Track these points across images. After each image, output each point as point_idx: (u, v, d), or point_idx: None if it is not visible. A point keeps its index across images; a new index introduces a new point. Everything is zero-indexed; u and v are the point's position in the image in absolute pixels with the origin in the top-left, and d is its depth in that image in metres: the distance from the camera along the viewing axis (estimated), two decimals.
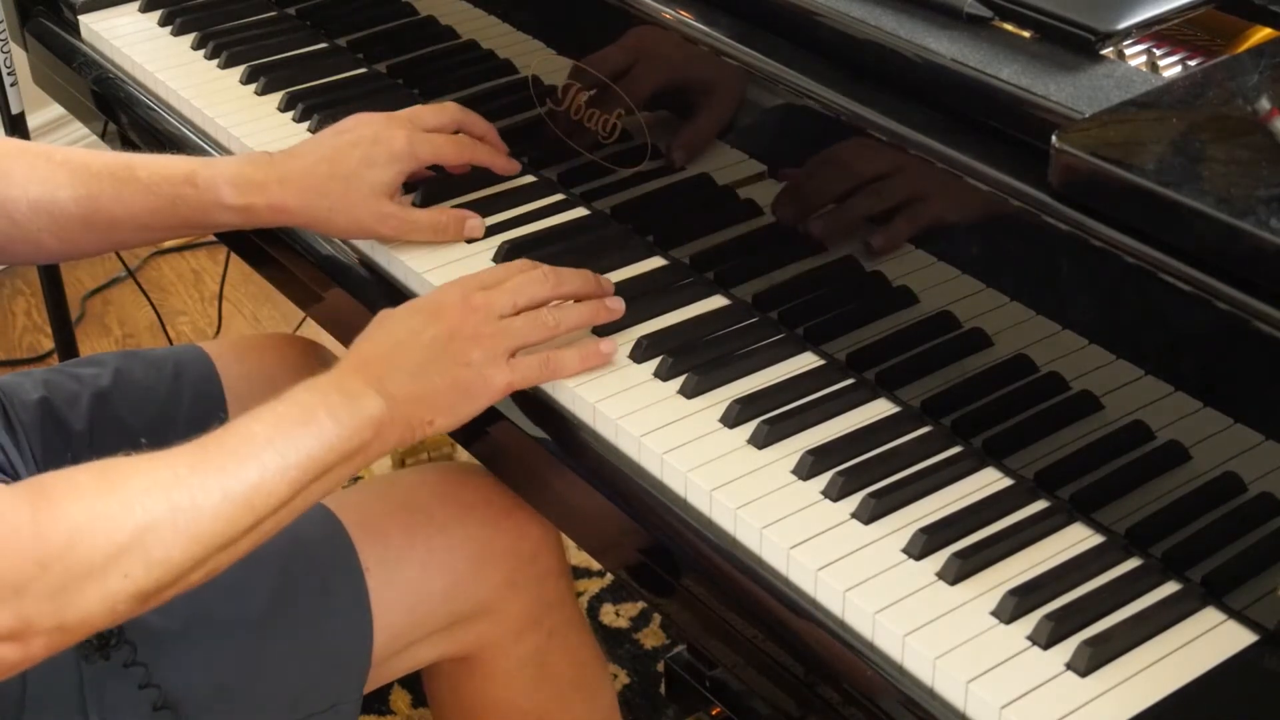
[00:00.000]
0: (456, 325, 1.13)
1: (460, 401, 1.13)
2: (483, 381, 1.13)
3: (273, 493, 1.01)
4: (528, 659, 1.31)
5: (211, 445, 1.01)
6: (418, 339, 1.12)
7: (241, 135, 1.49)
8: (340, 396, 1.07)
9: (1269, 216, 0.90)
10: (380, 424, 1.08)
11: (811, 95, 1.14)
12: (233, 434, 1.02)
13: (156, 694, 1.11)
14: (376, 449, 1.09)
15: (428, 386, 1.10)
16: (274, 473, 1.01)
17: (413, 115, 1.34)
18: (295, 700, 1.19)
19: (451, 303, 1.14)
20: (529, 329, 1.15)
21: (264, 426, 1.03)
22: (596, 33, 1.31)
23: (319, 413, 1.05)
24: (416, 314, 1.14)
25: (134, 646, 1.11)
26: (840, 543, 1.03)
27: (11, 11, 1.81)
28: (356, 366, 1.11)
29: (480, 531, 1.27)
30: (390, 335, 1.13)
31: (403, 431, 1.10)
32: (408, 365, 1.10)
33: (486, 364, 1.13)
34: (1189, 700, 0.93)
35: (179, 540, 0.96)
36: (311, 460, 1.03)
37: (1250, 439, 0.95)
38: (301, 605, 1.19)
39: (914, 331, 1.13)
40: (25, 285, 2.72)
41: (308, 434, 1.03)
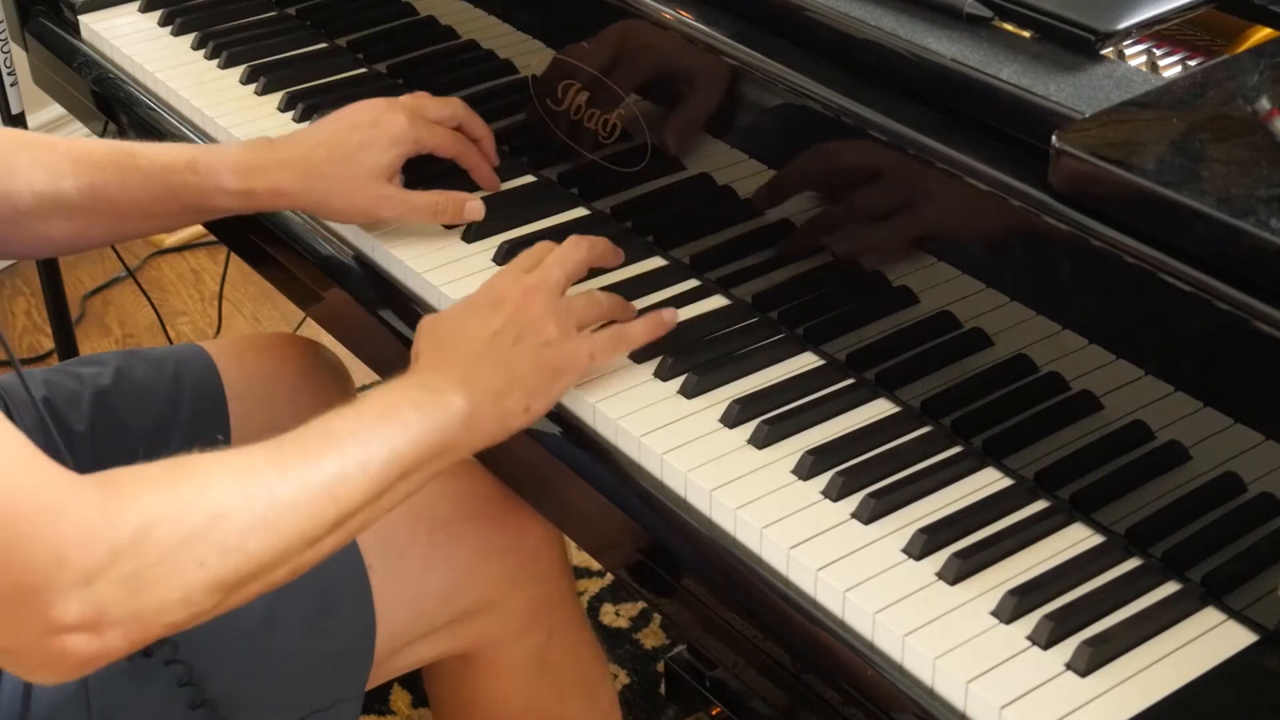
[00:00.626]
0: (523, 308, 1.12)
1: (549, 380, 1.12)
2: (568, 355, 1.12)
3: (355, 486, 0.98)
4: (529, 657, 1.31)
5: (289, 440, 0.98)
6: (489, 330, 1.10)
7: (241, 135, 1.49)
8: (425, 393, 1.05)
9: (1269, 216, 0.90)
10: (469, 419, 1.06)
11: (811, 95, 1.14)
12: (311, 429, 0.99)
13: (195, 692, 1.11)
14: (469, 444, 1.07)
15: (515, 373, 1.09)
16: (355, 465, 0.98)
17: (417, 103, 1.35)
18: (298, 697, 1.19)
19: (508, 289, 1.14)
20: (591, 306, 1.17)
21: (344, 422, 1.00)
22: (597, 33, 1.31)
23: (403, 408, 1.03)
24: (478, 309, 1.13)
25: (176, 644, 1.10)
26: (840, 543, 1.03)
27: (11, 11, 1.81)
28: (436, 365, 1.09)
29: (482, 529, 1.27)
30: (461, 333, 1.11)
31: (496, 424, 1.08)
32: (490, 358, 1.09)
33: (565, 338, 1.12)
34: (1189, 700, 0.93)
35: (255, 529, 0.93)
36: (396, 455, 1.01)
37: (1250, 439, 0.95)
38: (305, 603, 1.19)
39: (914, 331, 1.13)
40: (25, 285, 2.72)
41: (392, 428, 1.01)
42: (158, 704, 1.13)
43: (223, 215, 1.34)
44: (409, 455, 1.02)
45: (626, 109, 1.29)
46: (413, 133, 1.31)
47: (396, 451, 1.01)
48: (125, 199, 1.28)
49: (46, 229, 1.28)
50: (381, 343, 1.31)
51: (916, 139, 1.07)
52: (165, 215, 1.32)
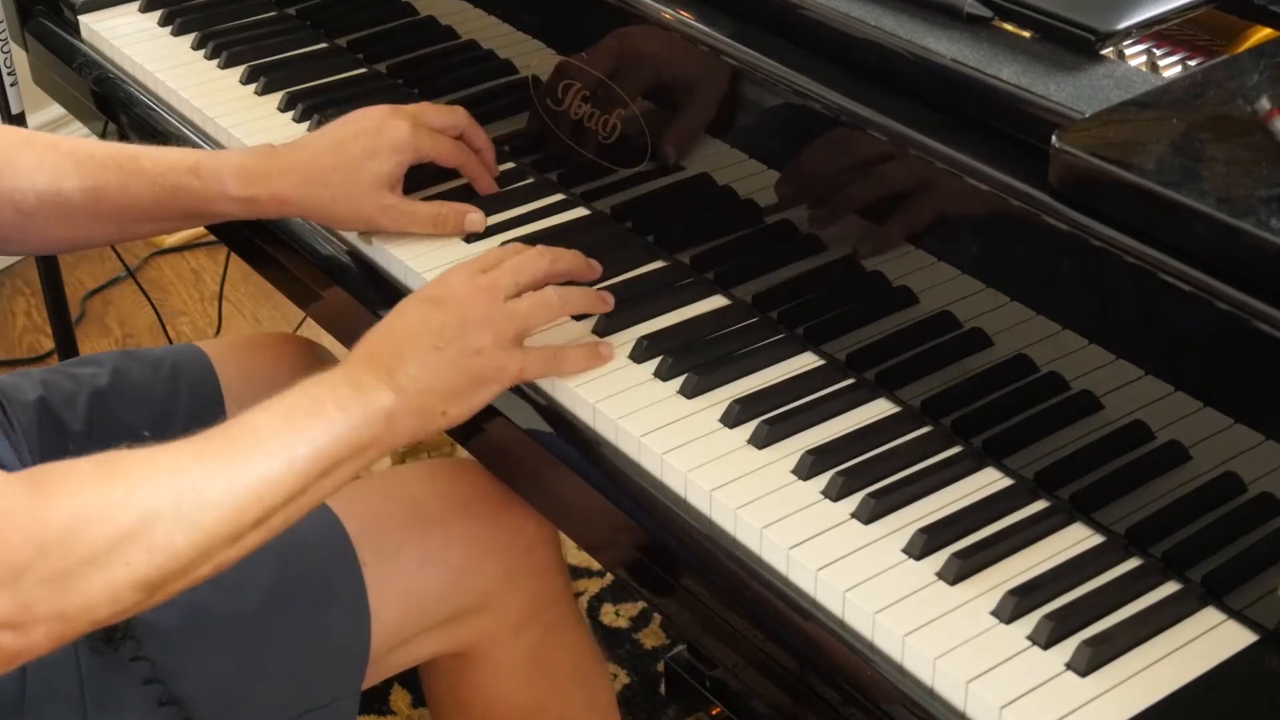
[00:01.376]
0: (465, 310, 1.12)
1: (473, 389, 1.12)
2: (495, 368, 1.13)
3: (279, 484, 0.99)
4: (525, 654, 1.32)
5: (216, 436, 0.99)
6: (426, 327, 1.11)
7: (241, 135, 1.49)
8: (349, 389, 1.06)
9: (1269, 216, 0.90)
10: (391, 416, 1.07)
11: (811, 95, 1.14)
12: (238, 426, 1.01)
13: (161, 689, 1.11)
14: (389, 441, 1.08)
15: (440, 376, 1.10)
16: (281, 464, 0.99)
17: (418, 111, 1.35)
18: (294, 696, 1.19)
19: (456, 288, 1.14)
20: (535, 311, 1.16)
21: (270, 418, 1.02)
22: (597, 33, 1.31)
23: (327, 405, 1.04)
24: (423, 303, 1.14)
25: (139, 641, 1.11)
26: (840, 543, 1.03)
27: (11, 11, 1.81)
28: (366, 359, 1.10)
29: (477, 526, 1.27)
30: (398, 326, 1.12)
31: (416, 423, 1.09)
32: (418, 356, 1.10)
33: (498, 350, 1.13)
34: (1189, 700, 0.93)
35: (182, 528, 0.94)
36: (319, 453, 1.02)
37: (1250, 439, 0.95)
38: (300, 601, 1.19)
39: (914, 331, 1.13)
40: (25, 285, 2.72)
41: (316, 426, 1.02)
42: (147, 707, 1.13)
43: (224, 219, 1.34)
44: (331, 453, 1.03)
45: (627, 109, 1.29)
46: (415, 141, 1.31)
47: (319, 449, 1.02)
48: (127, 201, 1.28)
49: (48, 228, 1.28)
50: None
51: (916, 139, 1.07)
52: (166, 219, 1.32)
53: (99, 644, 1.10)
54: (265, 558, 1.18)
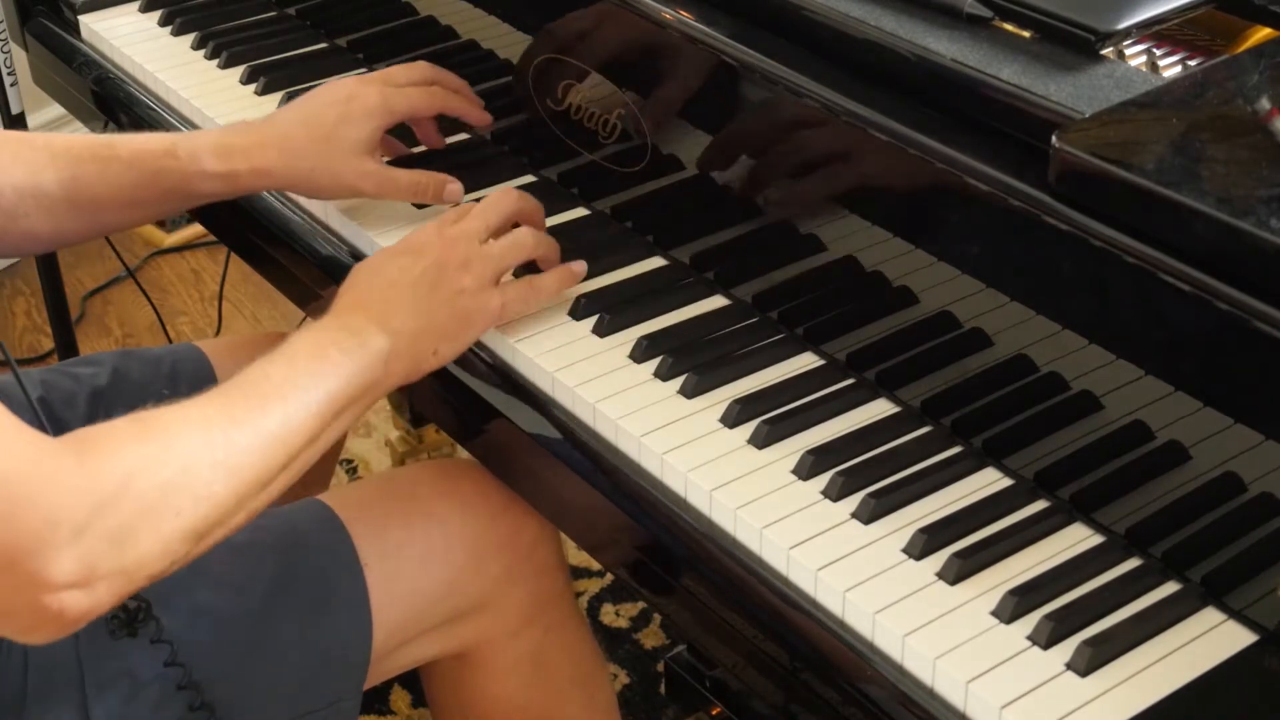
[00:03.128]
0: (442, 257, 1.17)
1: (461, 328, 1.17)
2: (478, 306, 1.17)
3: (300, 428, 1.03)
4: (526, 654, 1.32)
5: (234, 390, 1.03)
6: (408, 276, 1.15)
7: None
8: (346, 334, 1.10)
9: (1269, 216, 0.90)
10: (387, 358, 1.11)
11: (811, 95, 1.14)
12: (251, 378, 1.04)
13: (182, 672, 1.12)
14: (386, 384, 1.12)
15: (429, 318, 1.14)
16: (298, 409, 1.03)
17: (385, 74, 1.37)
18: (296, 696, 1.19)
19: (430, 238, 1.19)
20: (510, 250, 1.20)
21: (279, 368, 1.05)
22: (597, 33, 1.31)
23: (330, 350, 1.08)
24: (400, 255, 1.18)
25: (159, 623, 1.11)
26: (840, 543, 1.03)
27: (11, 11, 1.81)
28: (355, 308, 1.13)
29: (478, 526, 1.27)
30: (380, 277, 1.16)
31: (409, 364, 1.14)
32: (404, 301, 1.14)
33: (479, 289, 1.17)
34: (1189, 700, 0.93)
35: (220, 476, 0.97)
36: (331, 396, 1.06)
37: (1250, 439, 0.95)
38: (301, 601, 1.19)
39: (914, 331, 1.13)
40: (25, 285, 2.72)
41: (324, 371, 1.06)
42: (154, 706, 1.13)
43: (205, 200, 1.35)
44: (341, 395, 1.07)
45: (626, 109, 1.29)
46: (387, 103, 1.33)
47: (330, 392, 1.06)
48: (107, 190, 1.29)
49: (30, 225, 1.29)
50: None
51: (916, 139, 1.07)
52: (147, 204, 1.32)
53: (120, 627, 1.10)
54: (267, 557, 1.18)
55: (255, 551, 1.20)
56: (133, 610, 1.10)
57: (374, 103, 1.32)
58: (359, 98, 1.32)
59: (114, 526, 0.92)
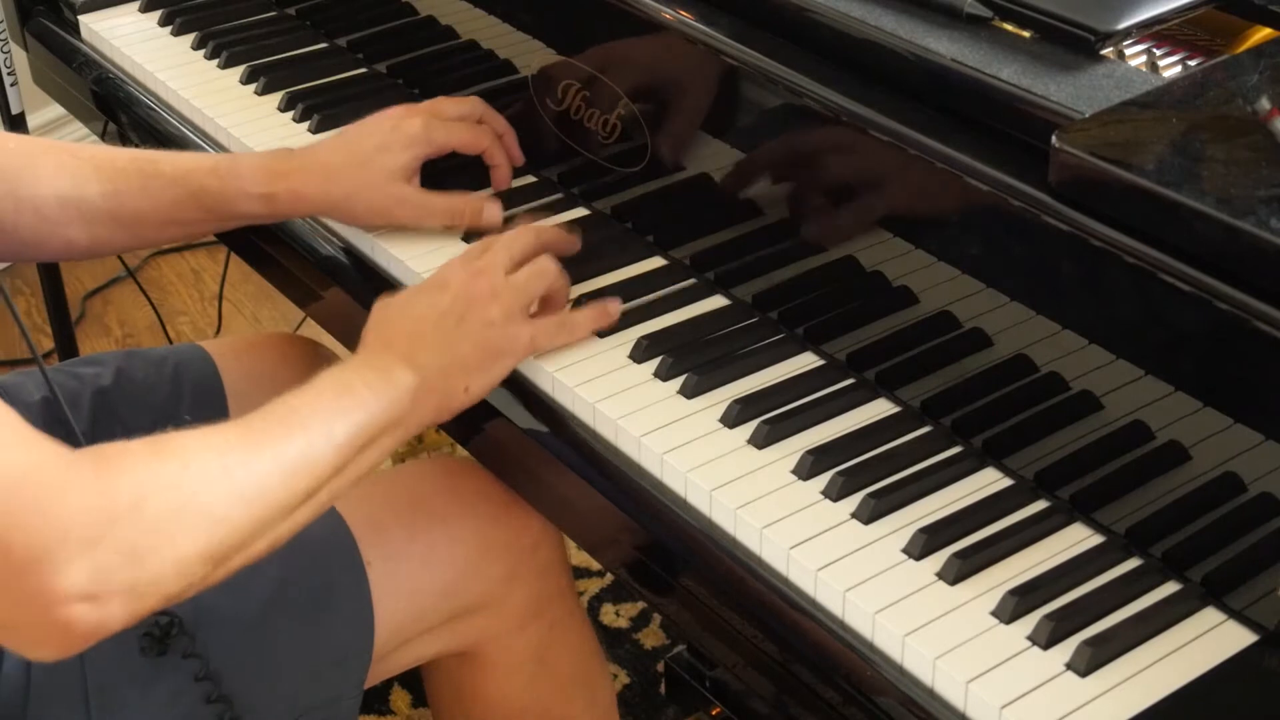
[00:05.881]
0: (468, 291, 1.15)
1: (490, 362, 1.15)
2: (508, 339, 1.16)
3: (322, 460, 1.02)
4: (528, 653, 1.32)
5: (256, 419, 1.02)
6: (435, 310, 1.14)
7: (241, 135, 1.49)
8: (373, 373, 1.09)
9: (1269, 216, 0.90)
10: (415, 394, 1.10)
11: (811, 95, 1.14)
12: (274, 410, 1.03)
13: (210, 687, 1.12)
14: (415, 420, 1.11)
15: (457, 353, 1.13)
16: (321, 440, 1.02)
17: (434, 104, 1.36)
18: (297, 694, 1.19)
19: (455, 272, 1.17)
20: (535, 280, 1.19)
21: (304, 401, 1.04)
22: (597, 33, 1.31)
23: (357, 386, 1.07)
24: (426, 292, 1.17)
25: (193, 637, 1.11)
26: (840, 543, 1.03)
27: (11, 11, 1.81)
28: (382, 346, 1.13)
29: (480, 525, 1.27)
30: (407, 314, 1.15)
31: (439, 400, 1.12)
32: (433, 338, 1.13)
33: (508, 321, 1.16)
34: (1189, 700, 0.93)
35: (237, 501, 0.96)
36: (357, 429, 1.05)
37: (1250, 439, 0.95)
38: (303, 600, 1.19)
39: (914, 331, 1.13)
40: (25, 285, 2.72)
41: (349, 405, 1.05)
42: (167, 711, 1.13)
43: (244, 222, 1.35)
44: (366, 429, 1.06)
45: (626, 109, 1.29)
46: (428, 134, 1.33)
47: (355, 425, 1.05)
48: (148, 205, 1.30)
49: (69, 234, 1.29)
50: None
51: (916, 139, 1.07)
52: (187, 222, 1.33)
53: (151, 644, 1.10)
54: (270, 556, 1.18)
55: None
56: (164, 627, 1.10)
57: (415, 132, 1.32)
58: (402, 127, 1.32)
59: (127, 542, 0.90)
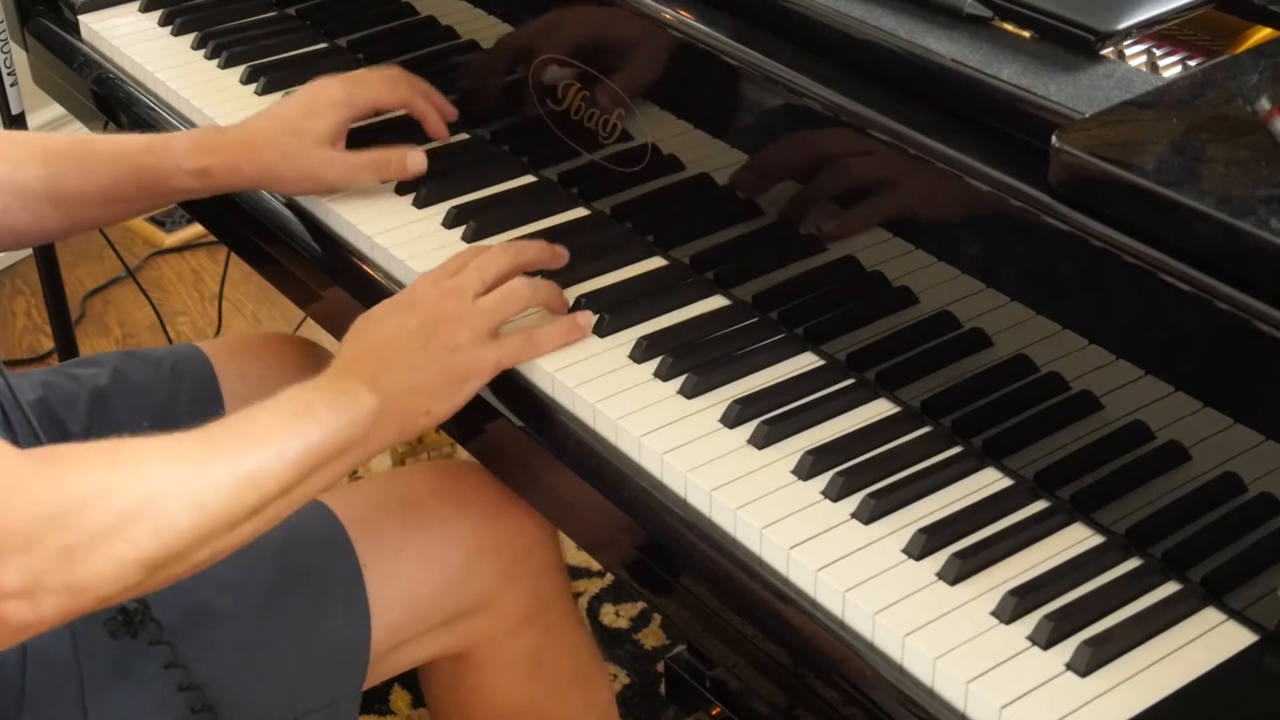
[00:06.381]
0: (436, 312, 1.16)
1: (454, 386, 1.15)
2: (471, 363, 1.16)
3: (275, 476, 1.03)
4: (524, 655, 1.32)
5: (214, 430, 1.03)
6: (403, 333, 1.15)
7: None
8: (335, 394, 1.10)
9: (1269, 216, 0.90)
10: (376, 418, 1.10)
11: (812, 95, 1.14)
12: (233, 422, 1.05)
13: (182, 674, 1.12)
14: (375, 442, 1.12)
15: (421, 377, 1.14)
16: (275, 457, 1.03)
17: (353, 73, 1.42)
18: (294, 696, 1.19)
19: (425, 293, 1.18)
20: (504, 303, 1.19)
21: (265, 416, 1.06)
22: (597, 33, 1.31)
23: (317, 407, 1.08)
24: (395, 311, 1.18)
25: (160, 624, 1.11)
26: (840, 543, 1.03)
27: (11, 11, 1.81)
28: (348, 367, 1.14)
29: (476, 527, 1.27)
30: (376, 335, 1.16)
31: (401, 424, 1.13)
32: (399, 360, 1.13)
33: (473, 344, 1.16)
34: (1189, 700, 0.93)
35: (185, 511, 0.97)
36: (311, 450, 1.05)
37: (1250, 439, 0.95)
38: (300, 601, 1.19)
39: (914, 331, 1.13)
40: (25, 285, 2.72)
41: (306, 426, 1.06)
42: (154, 706, 1.13)
43: (181, 197, 1.39)
44: (322, 450, 1.06)
45: (626, 109, 1.29)
46: (349, 96, 1.37)
47: (310, 445, 1.06)
48: (86, 185, 1.32)
49: (8, 219, 1.31)
50: None
51: (916, 139, 1.07)
52: (125, 200, 1.36)
53: (119, 628, 1.11)
54: (266, 558, 1.18)
55: (255, 552, 1.19)
56: (131, 612, 1.10)
57: (337, 95, 1.37)
58: (323, 92, 1.37)
59: (65, 543, 0.92)
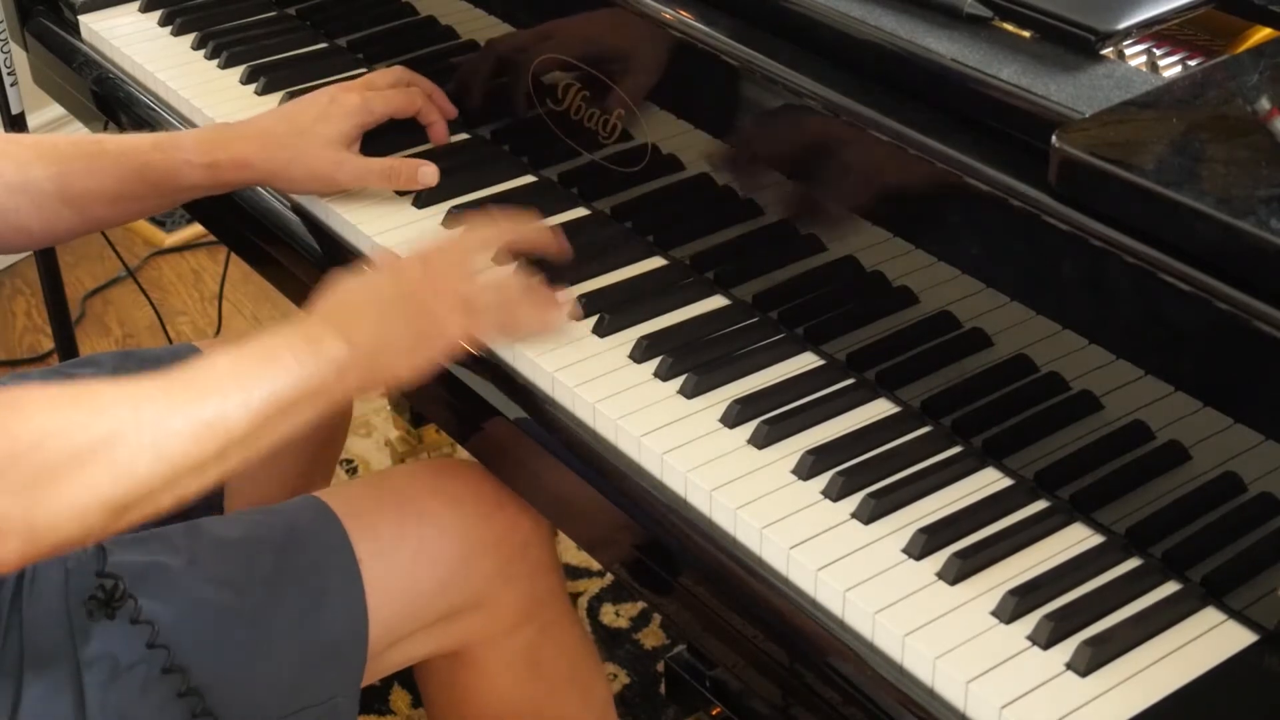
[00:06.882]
0: (417, 283, 1.18)
1: (422, 347, 1.16)
2: (442, 328, 1.17)
3: (237, 421, 1.03)
4: (521, 653, 1.32)
5: (177, 375, 1.04)
6: (380, 295, 1.16)
7: None
8: (303, 341, 1.10)
9: (1269, 216, 0.90)
10: (342, 366, 1.11)
11: (812, 95, 1.14)
12: (198, 368, 1.05)
13: (165, 654, 1.12)
14: (339, 390, 1.12)
15: (390, 334, 1.14)
16: (237, 403, 1.03)
17: (365, 80, 1.42)
18: (292, 692, 1.19)
19: (410, 265, 1.20)
20: (489, 289, 1.21)
21: (228, 361, 1.06)
22: (597, 33, 1.31)
23: (283, 353, 1.08)
24: (377, 275, 1.20)
25: (137, 603, 1.12)
26: (840, 543, 1.03)
27: (11, 11, 1.81)
28: (320, 318, 1.15)
29: (471, 524, 1.28)
30: (352, 292, 1.17)
31: (366, 375, 1.13)
32: (369, 316, 1.14)
33: (447, 312, 1.17)
34: (1189, 700, 0.93)
35: (144, 454, 0.98)
36: (275, 396, 1.06)
37: (1250, 439, 0.95)
38: (297, 597, 1.19)
39: (914, 331, 1.13)
40: (25, 285, 2.72)
41: (271, 372, 1.07)
42: (140, 688, 1.13)
43: (191, 195, 1.38)
44: (286, 396, 1.06)
45: (626, 108, 1.29)
46: (366, 104, 1.38)
47: (275, 393, 1.06)
48: (95, 184, 1.32)
49: (21, 220, 1.32)
50: None
51: (917, 139, 1.07)
52: (135, 198, 1.35)
53: (97, 607, 1.11)
54: (263, 553, 1.18)
55: (252, 547, 1.20)
56: (109, 590, 1.10)
57: (354, 104, 1.38)
58: (339, 101, 1.38)
59: (23, 481, 0.93)
